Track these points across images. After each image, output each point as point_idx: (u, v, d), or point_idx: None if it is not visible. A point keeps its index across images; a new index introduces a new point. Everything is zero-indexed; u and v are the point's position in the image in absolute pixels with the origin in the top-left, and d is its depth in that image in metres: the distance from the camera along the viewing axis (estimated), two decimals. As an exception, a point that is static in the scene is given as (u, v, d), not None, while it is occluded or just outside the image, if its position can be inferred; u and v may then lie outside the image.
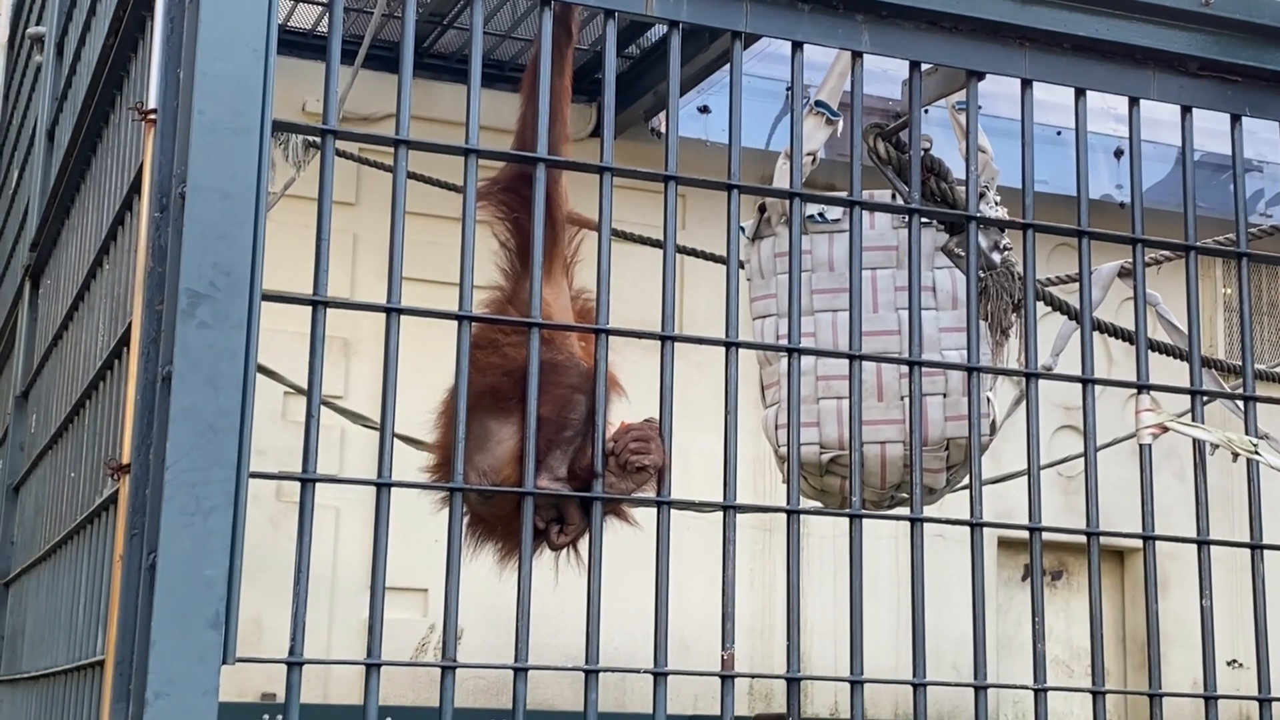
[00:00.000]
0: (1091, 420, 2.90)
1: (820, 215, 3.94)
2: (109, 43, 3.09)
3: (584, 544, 2.97)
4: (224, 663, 2.17)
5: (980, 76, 2.95)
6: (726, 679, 2.61)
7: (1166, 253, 4.18)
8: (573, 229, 3.06)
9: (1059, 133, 6.88)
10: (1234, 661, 7.01)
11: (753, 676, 2.53)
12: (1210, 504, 2.99)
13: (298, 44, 7.09)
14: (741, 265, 3.71)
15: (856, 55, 2.89)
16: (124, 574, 2.28)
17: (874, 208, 3.13)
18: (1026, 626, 8.36)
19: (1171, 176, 8.06)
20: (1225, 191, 8.19)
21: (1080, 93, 3.00)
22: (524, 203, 2.82)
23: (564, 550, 3.02)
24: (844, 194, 2.97)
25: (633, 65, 7.52)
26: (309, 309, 2.42)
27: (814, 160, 4.06)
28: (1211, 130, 3.35)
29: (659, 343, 2.67)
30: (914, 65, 2.94)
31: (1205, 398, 3.04)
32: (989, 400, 3.78)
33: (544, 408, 2.59)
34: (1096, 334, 5.15)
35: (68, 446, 3.43)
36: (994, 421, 3.88)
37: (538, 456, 2.60)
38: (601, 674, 2.56)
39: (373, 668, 2.39)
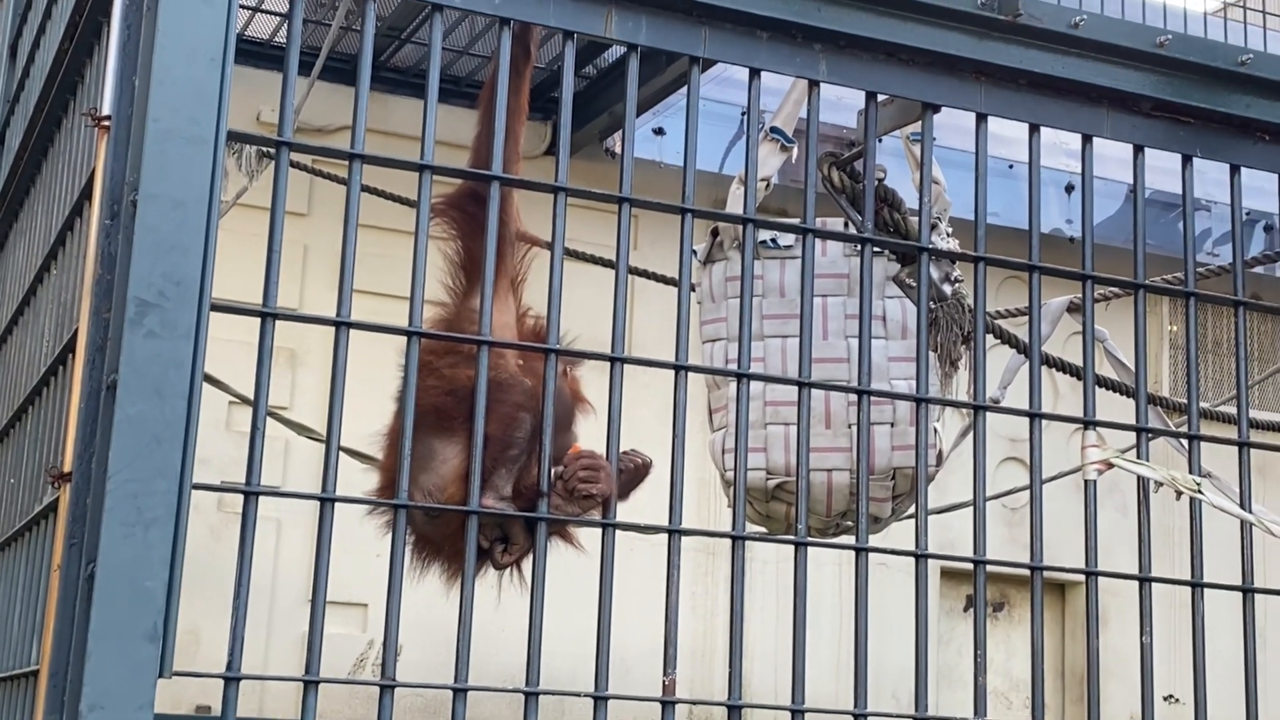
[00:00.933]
0: (1038, 455, 2.92)
1: (773, 241, 3.95)
2: (64, 47, 3.06)
3: (528, 564, 2.95)
4: (161, 676, 2.14)
5: (935, 109, 2.97)
6: (667, 705, 2.60)
7: (1115, 289, 4.21)
8: (522, 247, 3.06)
9: (1011, 166, 6.94)
10: (1170, 697, 7.06)
11: (693, 703, 2.52)
12: (1151, 540, 3.01)
13: (254, 53, 7.05)
14: (693, 288, 3.72)
15: (813, 84, 2.91)
16: (61, 584, 2.25)
17: (826, 235, 3.15)
18: (968, 657, 8.39)
19: (1121, 212, 8.14)
20: (1173, 229, 8.29)
21: (1034, 128, 3.02)
22: (475, 219, 2.81)
23: (507, 570, 3.01)
24: (797, 220, 2.98)
25: (589, 85, 7.53)
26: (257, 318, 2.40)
27: (768, 186, 4.08)
28: (1161, 169, 3.38)
29: (608, 363, 2.67)
30: (870, 96, 2.96)
31: (1150, 435, 3.06)
32: (936, 431, 3.79)
33: (489, 426, 2.58)
34: (1044, 368, 5.19)
35: (8, 453, 3.38)
36: (940, 452, 3.90)
37: (483, 475, 2.59)
38: (541, 696, 2.54)
39: (311, 684, 2.37)
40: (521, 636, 2.56)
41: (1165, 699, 7.16)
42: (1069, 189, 7.81)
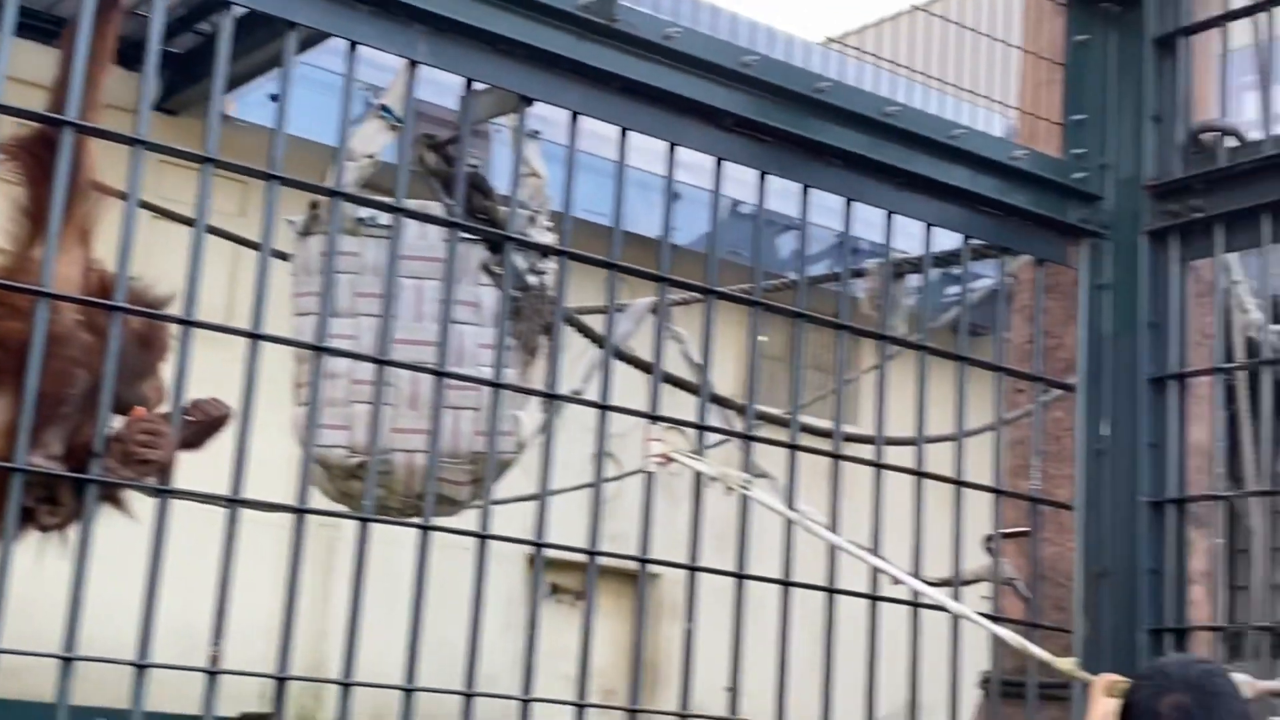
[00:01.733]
0: (603, 445, 3.03)
1: (372, 219, 3.93)
2: None
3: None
4: None
5: (530, 102, 3.03)
6: (212, 675, 2.56)
7: (695, 294, 4.38)
8: (95, 198, 2.93)
9: (623, 169, 7.12)
10: (731, 688, 7.38)
11: (234, 674, 2.51)
12: (727, 537, 3.16)
13: None
14: (285, 258, 3.66)
15: (413, 64, 2.92)
16: None
17: (414, 216, 3.16)
18: (550, 641, 8.53)
19: (725, 224, 8.49)
20: (770, 244, 8.71)
21: (624, 132, 3.13)
22: (47, 165, 2.68)
23: (56, 532, 2.87)
24: (390, 199, 2.99)
25: (207, 42, 7.30)
26: None
27: (374, 163, 4.05)
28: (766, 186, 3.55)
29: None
30: (468, 82, 2.99)
31: (723, 438, 3.22)
32: (518, 418, 3.86)
33: (41, 382, 2.47)
34: (635, 367, 5.36)
35: None
36: (521, 440, 3.96)
37: (32, 432, 2.48)
38: (86, 665, 2.45)
39: None
40: (93, 602, 2.47)
41: (726, 689, 7.50)
42: (676, 197, 8.09)
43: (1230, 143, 3.56)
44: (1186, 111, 3.63)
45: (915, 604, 3.31)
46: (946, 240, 3.76)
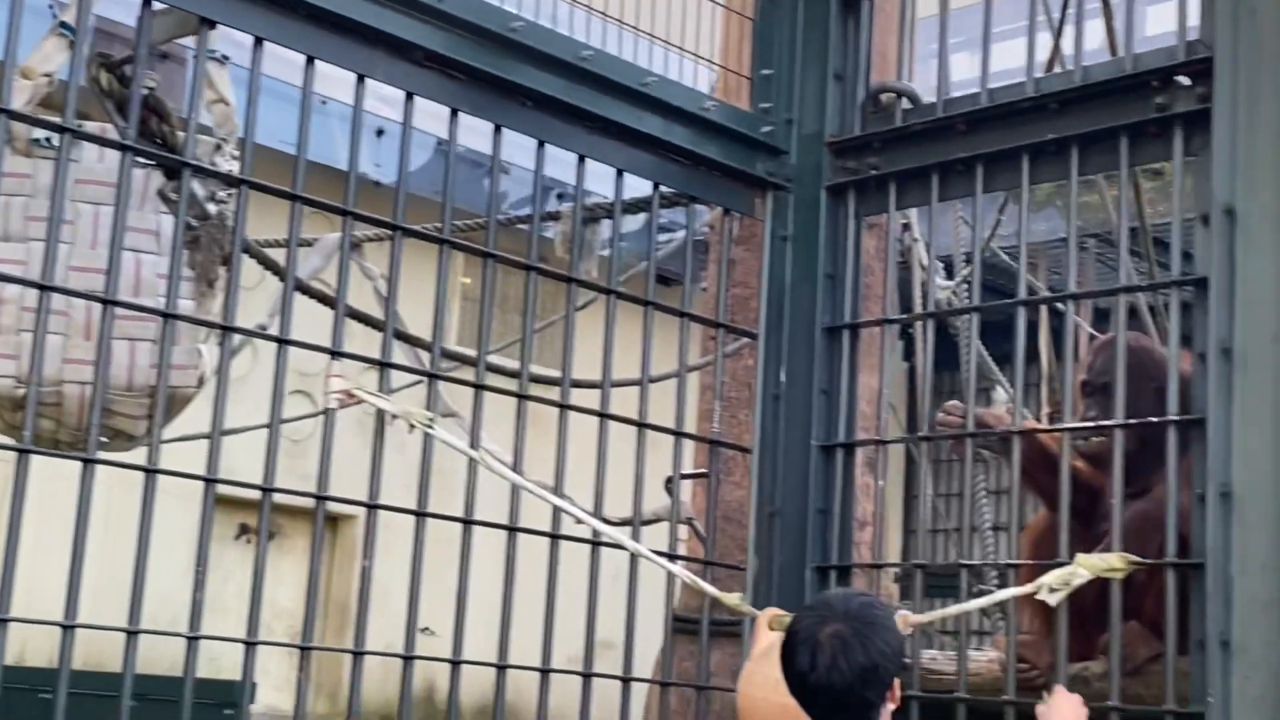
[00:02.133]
0: (282, 380, 2.98)
1: (47, 140, 3.75)
2: None
3: None
4: None
5: (212, 25, 2.94)
6: None
7: (382, 230, 4.34)
8: None
9: (324, 102, 6.98)
10: (426, 629, 7.40)
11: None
12: (426, 479, 3.15)
13: None
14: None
15: (85, -22, 2.79)
16: None
17: (84, 138, 3.03)
18: (233, 583, 8.36)
19: (431, 164, 8.41)
20: (478, 187, 8.67)
21: (310, 60, 3.06)
22: None
23: None
24: (59, 120, 2.86)
25: (-125, -56, 6.80)
26: None
27: (50, 81, 3.86)
28: (471, 127, 3.50)
29: None
30: (146, 2, 2.88)
31: (398, 371, 3.20)
32: (200, 352, 3.75)
33: None
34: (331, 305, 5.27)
35: None
36: (203, 374, 3.86)
37: None
38: None
39: None
40: None
41: (421, 630, 7.49)
42: (379, 133, 7.97)
43: (905, 105, 3.71)
44: (868, 72, 3.77)
45: (595, 542, 3.38)
46: (644, 188, 3.82)
